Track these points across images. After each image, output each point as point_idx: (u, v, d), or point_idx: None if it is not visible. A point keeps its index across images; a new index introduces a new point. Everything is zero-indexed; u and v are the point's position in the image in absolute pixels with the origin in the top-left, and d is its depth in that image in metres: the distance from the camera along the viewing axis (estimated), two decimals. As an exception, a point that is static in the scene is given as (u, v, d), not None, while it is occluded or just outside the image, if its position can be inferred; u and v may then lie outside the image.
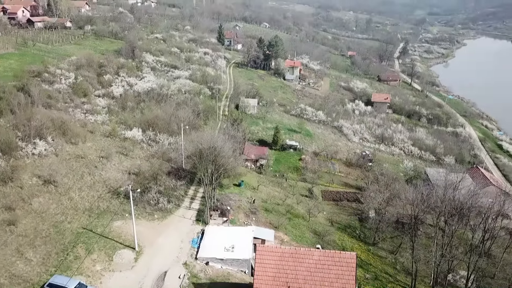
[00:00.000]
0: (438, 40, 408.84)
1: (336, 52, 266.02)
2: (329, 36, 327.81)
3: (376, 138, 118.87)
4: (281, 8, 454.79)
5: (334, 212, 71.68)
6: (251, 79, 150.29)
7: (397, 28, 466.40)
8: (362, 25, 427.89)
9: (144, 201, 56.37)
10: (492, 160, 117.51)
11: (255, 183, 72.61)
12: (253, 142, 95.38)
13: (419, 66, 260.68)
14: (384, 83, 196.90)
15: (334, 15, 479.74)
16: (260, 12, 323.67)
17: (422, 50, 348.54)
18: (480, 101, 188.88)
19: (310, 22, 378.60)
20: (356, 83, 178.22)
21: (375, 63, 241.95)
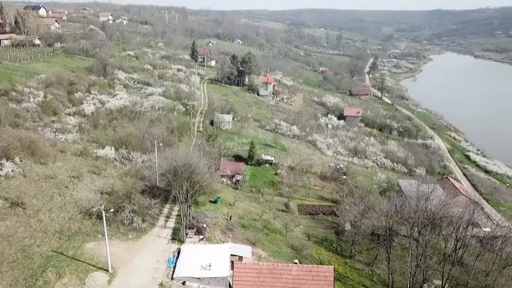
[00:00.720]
0: (406, 55, 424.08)
1: (308, 68, 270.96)
2: (301, 52, 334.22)
3: (349, 151, 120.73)
4: (254, 25, 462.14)
5: (311, 226, 71.86)
6: (225, 95, 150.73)
7: (366, 44, 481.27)
8: (333, 41, 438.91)
9: (118, 221, 54.95)
10: (461, 170, 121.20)
11: (232, 199, 72.12)
12: (229, 157, 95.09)
13: (388, 80, 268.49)
14: (355, 97, 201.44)
15: (306, 32, 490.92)
16: (232, 29, 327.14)
17: (391, 65, 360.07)
18: (447, 114, 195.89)
19: (282, 39, 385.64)
20: (329, 98, 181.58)
21: (346, 78, 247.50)
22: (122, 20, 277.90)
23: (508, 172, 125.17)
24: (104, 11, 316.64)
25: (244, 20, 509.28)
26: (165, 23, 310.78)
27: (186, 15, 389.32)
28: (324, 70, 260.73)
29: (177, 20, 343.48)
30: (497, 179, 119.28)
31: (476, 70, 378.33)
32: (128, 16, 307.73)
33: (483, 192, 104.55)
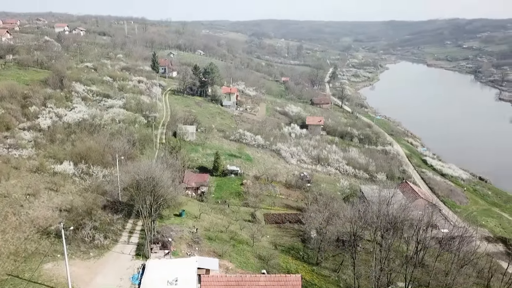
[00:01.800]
0: (364, 64, 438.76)
1: (270, 78, 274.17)
2: (263, 63, 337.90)
3: (312, 159, 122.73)
4: (215, 35, 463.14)
5: (277, 235, 72.09)
6: (188, 106, 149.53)
7: (326, 54, 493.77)
8: (293, 52, 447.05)
9: (78, 239, 52.79)
10: (419, 174, 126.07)
11: (197, 212, 71.21)
12: (193, 169, 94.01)
13: (348, 89, 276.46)
14: (317, 106, 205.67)
15: (267, 42, 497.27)
16: (194, 40, 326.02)
17: (350, 74, 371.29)
18: (404, 120, 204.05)
19: (244, 49, 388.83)
20: (291, 107, 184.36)
21: (307, 88, 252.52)
22: (79, 31, 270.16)
23: (462, 175, 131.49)
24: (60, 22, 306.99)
25: (206, 31, 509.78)
26: (125, 34, 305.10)
27: (146, 26, 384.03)
28: (286, 80, 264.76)
29: (137, 31, 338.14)
30: (452, 181, 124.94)
31: (429, 78, 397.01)
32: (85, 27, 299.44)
33: (440, 195, 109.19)
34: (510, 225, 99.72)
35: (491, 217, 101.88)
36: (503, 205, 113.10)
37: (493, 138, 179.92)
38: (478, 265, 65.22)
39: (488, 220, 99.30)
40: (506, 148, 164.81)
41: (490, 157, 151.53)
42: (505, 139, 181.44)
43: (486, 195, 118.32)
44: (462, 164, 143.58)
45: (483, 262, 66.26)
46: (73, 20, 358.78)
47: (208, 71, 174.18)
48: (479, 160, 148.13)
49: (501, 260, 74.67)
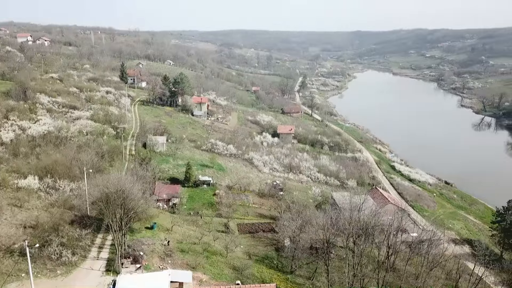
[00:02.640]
0: (332, 74, 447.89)
1: (241, 88, 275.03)
2: (233, 72, 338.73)
3: (284, 168, 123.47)
4: (185, 45, 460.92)
5: (251, 245, 71.76)
6: (158, 116, 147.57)
7: (295, 63, 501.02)
8: (263, 62, 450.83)
9: (44, 257, 50.67)
10: (388, 180, 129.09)
11: (169, 224, 69.96)
12: (164, 181, 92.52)
13: (317, 98, 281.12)
14: (287, 115, 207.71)
15: (237, 52, 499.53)
16: (163, 50, 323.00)
17: (319, 83, 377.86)
18: (372, 127, 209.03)
19: (214, 59, 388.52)
20: (262, 117, 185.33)
21: (278, 97, 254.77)
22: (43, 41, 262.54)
23: (428, 180, 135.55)
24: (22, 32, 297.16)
25: (175, 41, 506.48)
26: (91, 44, 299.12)
27: (114, 35, 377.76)
28: (257, 89, 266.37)
29: (104, 41, 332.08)
30: (419, 186, 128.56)
31: (395, 86, 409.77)
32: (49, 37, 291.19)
33: (408, 200, 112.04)
34: (475, 227, 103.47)
35: (457, 220, 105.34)
36: (468, 208, 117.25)
37: (457, 143, 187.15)
38: (447, 267, 67.14)
39: (454, 223, 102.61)
40: (469, 152, 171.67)
41: (454, 162, 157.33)
42: (468, 144, 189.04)
43: (452, 198, 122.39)
44: (429, 169, 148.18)
45: (451, 264, 68.26)
46: (36, 30, 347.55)
47: (178, 81, 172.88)
48: (444, 164, 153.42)
49: (467, 261, 77.13)
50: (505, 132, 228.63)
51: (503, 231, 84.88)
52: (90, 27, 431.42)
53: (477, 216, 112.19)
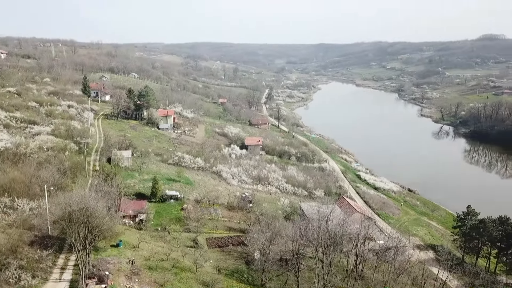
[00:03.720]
0: (298, 85, 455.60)
1: (208, 100, 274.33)
2: (200, 85, 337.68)
3: (253, 179, 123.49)
4: (150, 58, 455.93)
5: (221, 259, 70.88)
6: (122, 130, 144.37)
7: (261, 76, 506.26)
8: (230, 74, 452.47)
9: (1, 281, 47.82)
10: (354, 189, 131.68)
11: (136, 241, 67.97)
12: (130, 196, 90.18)
13: (284, 109, 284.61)
14: (255, 127, 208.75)
15: (203, 65, 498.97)
16: (127, 63, 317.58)
17: (285, 95, 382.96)
18: (337, 137, 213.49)
19: (180, 71, 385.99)
20: (230, 129, 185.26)
21: (245, 109, 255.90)
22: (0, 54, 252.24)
23: (393, 187, 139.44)
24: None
25: (139, 53, 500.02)
26: (52, 56, 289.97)
27: (76, 48, 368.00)
28: (224, 101, 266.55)
29: (65, 53, 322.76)
30: (384, 194, 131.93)
31: (358, 97, 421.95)
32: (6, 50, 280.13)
33: (374, 208, 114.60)
34: (438, 233, 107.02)
35: (421, 226, 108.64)
36: (430, 214, 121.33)
37: (418, 151, 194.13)
38: (413, 273, 68.91)
39: (418, 229, 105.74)
40: (430, 160, 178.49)
41: (416, 169, 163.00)
42: (428, 152, 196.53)
43: (415, 205, 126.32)
44: (392, 177, 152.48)
45: (417, 270, 70.12)
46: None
47: (143, 94, 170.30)
48: (407, 172, 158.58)
49: (432, 266, 79.54)
50: (462, 140, 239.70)
51: (463, 235, 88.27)
52: (50, 39, 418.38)
53: (440, 221, 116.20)
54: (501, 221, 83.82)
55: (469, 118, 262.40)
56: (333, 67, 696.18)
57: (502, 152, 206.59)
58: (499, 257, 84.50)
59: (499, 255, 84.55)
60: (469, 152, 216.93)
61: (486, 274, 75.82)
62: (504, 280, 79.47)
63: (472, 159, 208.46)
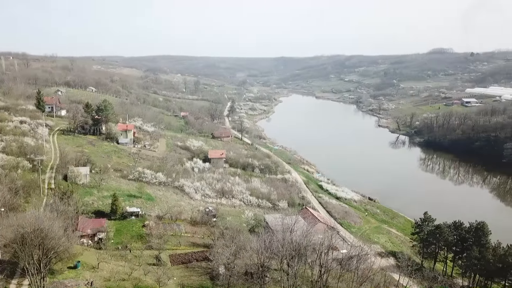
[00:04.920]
0: (259, 98, 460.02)
1: (169, 113, 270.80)
2: (160, 98, 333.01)
3: (217, 193, 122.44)
4: (108, 71, 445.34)
5: (185, 276, 69.37)
6: (80, 146, 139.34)
7: (223, 88, 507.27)
8: (191, 87, 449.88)
9: None
10: (317, 199, 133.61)
11: (95, 261, 65.24)
12: (89, 214, 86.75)
13: (246, 122, 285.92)
14: (218, 139, 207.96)
15: (163, 78, 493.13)
16: (84, 76, 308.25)
17: (247, 107, 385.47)
18: (299, 149, 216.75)
19: (139, 85, 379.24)
20: (192, 142, 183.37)
21: (207, 122, 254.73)
22: None
23: (354, 197, 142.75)
24: None
25: (97, 67, 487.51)
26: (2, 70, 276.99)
27: (28, 61, 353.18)
28: (185, 114, 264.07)
29: (17, 67, 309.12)
30: (346, 203, 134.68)
31: (318, 109, 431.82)
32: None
33: (337, 217, 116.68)
34: (397, 240, 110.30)
35: (381, 234, 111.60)
36: (390, 222, 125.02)
37: (377, 160, 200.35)
38: (375, 281, 70.33)
39: (379, 237, 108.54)
40: (388, 169, 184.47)
41: (376, 178, 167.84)
42: (387, 161, 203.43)
43: (376, 213, 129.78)
44: (353, 186, 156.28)
45: (379, 277, 71.71)
46: None
47: (102, 108, 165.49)
48: (367, 181, 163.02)
49: (393, 273, 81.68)
50: (417, 148, 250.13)
51: (421, 241, 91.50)
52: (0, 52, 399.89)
53: (399, 228, 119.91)
54: (456, 226, 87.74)
55: (423, 127, 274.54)
56: (294, 80, 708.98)
57: (454, 160, 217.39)
58: (455, 261, 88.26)
59: (454, 258, 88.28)
60: (424, 160, 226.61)
61: (443, 278, 78.87)
62: (460, 283, 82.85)
63: (427, 167, 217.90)
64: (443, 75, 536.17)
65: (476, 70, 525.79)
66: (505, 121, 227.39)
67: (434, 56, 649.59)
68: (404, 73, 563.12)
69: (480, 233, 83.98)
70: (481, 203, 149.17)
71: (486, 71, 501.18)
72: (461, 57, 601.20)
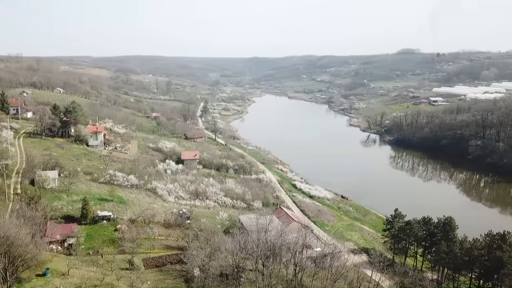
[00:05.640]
0: (232, 98, 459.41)
1: (141, 114, 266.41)
2: (132, 99, 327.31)
3: (191, 195, 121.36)
4: (76, 72, 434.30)
5: (159, 279, 68.37)
6: (48, 149, 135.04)
7: (196, 89, 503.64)
8: (163, 87, 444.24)
9: None
10: (291, 198, 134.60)
11: (65, 268, 63.34)
12: (58, 220, 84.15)
13: (220, 122, 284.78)
14: (191, 140, 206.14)
15: (134, 78, 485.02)
16: (51, 77, 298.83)
17: (220, 108, 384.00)
18: (273, 148, 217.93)
19: (109, 86, 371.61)
20: (165, 143, 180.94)
21: (180, 123, 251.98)
22: None
23: (327, 195, 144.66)
24: None
25: (65, 67, 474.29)
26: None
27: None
28: (157, 115, 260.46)
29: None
30: (319, 202, 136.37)
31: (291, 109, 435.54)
32: None
33: (310, 216, 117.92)
34: (370, 236, 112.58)
35: (354, 231, 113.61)
36: (362, 219, 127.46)
37: (349, 158, 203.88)
38: (348, 277, 71.50)
39: (352, 234, 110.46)
40: (359, 167, 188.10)
41: (348, 176, 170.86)
42: (358, 159, 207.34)
43: (348, 211, 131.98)
44: (326, 184, 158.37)
45: (352, 274, 72.90)
46: None
47: (70, 110, 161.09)
48: (340, 179, 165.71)
49: (366, 269, 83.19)
50: (387, 147, 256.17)
51: (392, 237, 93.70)
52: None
53: (371, 225, 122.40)
54: (425, 222, 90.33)
55: (393, 126, 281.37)
56: (267, 80, 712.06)
57: (422, 157, 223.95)
58: (425, 255, 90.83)
59: (424, 253, 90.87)
60: (394, 158, 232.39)
61: (414, 272, 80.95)
62: (430, 277, 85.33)
63: (397, 164, 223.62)
64: (411, 75, 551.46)
65: (442, 70, 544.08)
66: (470, 119, 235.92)
67: (403, 56, 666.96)
68: (374, 73, 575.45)
69: (447, 228, 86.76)
70: (449, 199, 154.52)
71: (452, 71, 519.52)
72: (428, 58, 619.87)
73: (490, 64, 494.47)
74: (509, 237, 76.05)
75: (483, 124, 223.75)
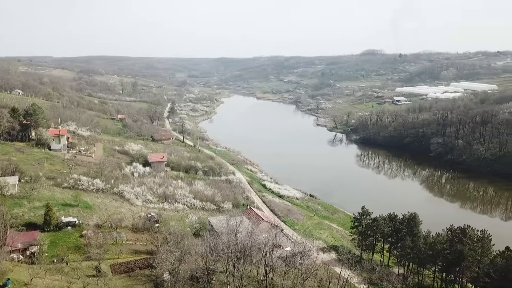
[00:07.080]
0: (200, 99, 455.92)
1: (106, 116, 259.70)
2: (96, 101, 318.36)
3: (159, 198, 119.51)
4: (37, 73, 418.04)
5: (128, 285, 66.76)
6: (6, 153, 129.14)
7: (162, 90, 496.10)
8: (128, 88, 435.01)
9: None
10: (261, 198, 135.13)
11: (27, 278, 60.68)
12: (19, 227, 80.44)
13: (188, 123, 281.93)
14: (158, 142, 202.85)
15: (98, 79, 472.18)
16: (9, 79, 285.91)
17: (188, 109, 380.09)
18: (242, 149, 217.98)
19: (72, 87, 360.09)
20: (131, 146, 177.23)
21: (146, 124, 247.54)
22: None
23: (296, 194, 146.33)
24: None
25: (24, 68, 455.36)
26: None
27: None
28: (123, 117, 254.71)
29: None
30: (289, 201, 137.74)
31: (259, 109, 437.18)
32: None
33: (280, 215, 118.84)
34: (338, 234, 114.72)
35: (323, 229, 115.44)
36: (331, 217, 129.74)
37: (316, 158, 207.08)
38: (318, 275, 72.59)
39: (321, 232, 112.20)
40: (327, 166, 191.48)
41: (316, 175, 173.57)
42: (326, 158, 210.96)
43: (317, 210, 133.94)
44: (295, 184, 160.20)
45: (322, 272, 74.09)
46: None
47: (30, 113, 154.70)
48: (308, 178, 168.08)
49: (335, 267, 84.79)
50: (354, 146, 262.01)
51: (360, 234, 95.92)
52: None
53: (339, 223, 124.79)
54: (391, 218, 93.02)
55: (358, 125, 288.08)
56: (234, 81, 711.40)
57: (387, 155, 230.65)
58: (391, 251, 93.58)
59: (390, 249, 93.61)
60: (360, 157, 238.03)
61: (381, 268, 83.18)
62: (396, 271, 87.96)
63: (364, 163, 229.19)
64: (375, 75, 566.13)
65: (405, 70, 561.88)
66: (431, 118, 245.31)
67: (367, 57, 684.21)
68: (340, 74, 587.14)
69: (412, 223, 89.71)
70: (413, 195, 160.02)
71: (413, 71, 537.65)
72: (391, 58, 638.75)
73: (449, 65, 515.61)
74: (469, 231, 79.41)
75: (443, 122, 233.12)
